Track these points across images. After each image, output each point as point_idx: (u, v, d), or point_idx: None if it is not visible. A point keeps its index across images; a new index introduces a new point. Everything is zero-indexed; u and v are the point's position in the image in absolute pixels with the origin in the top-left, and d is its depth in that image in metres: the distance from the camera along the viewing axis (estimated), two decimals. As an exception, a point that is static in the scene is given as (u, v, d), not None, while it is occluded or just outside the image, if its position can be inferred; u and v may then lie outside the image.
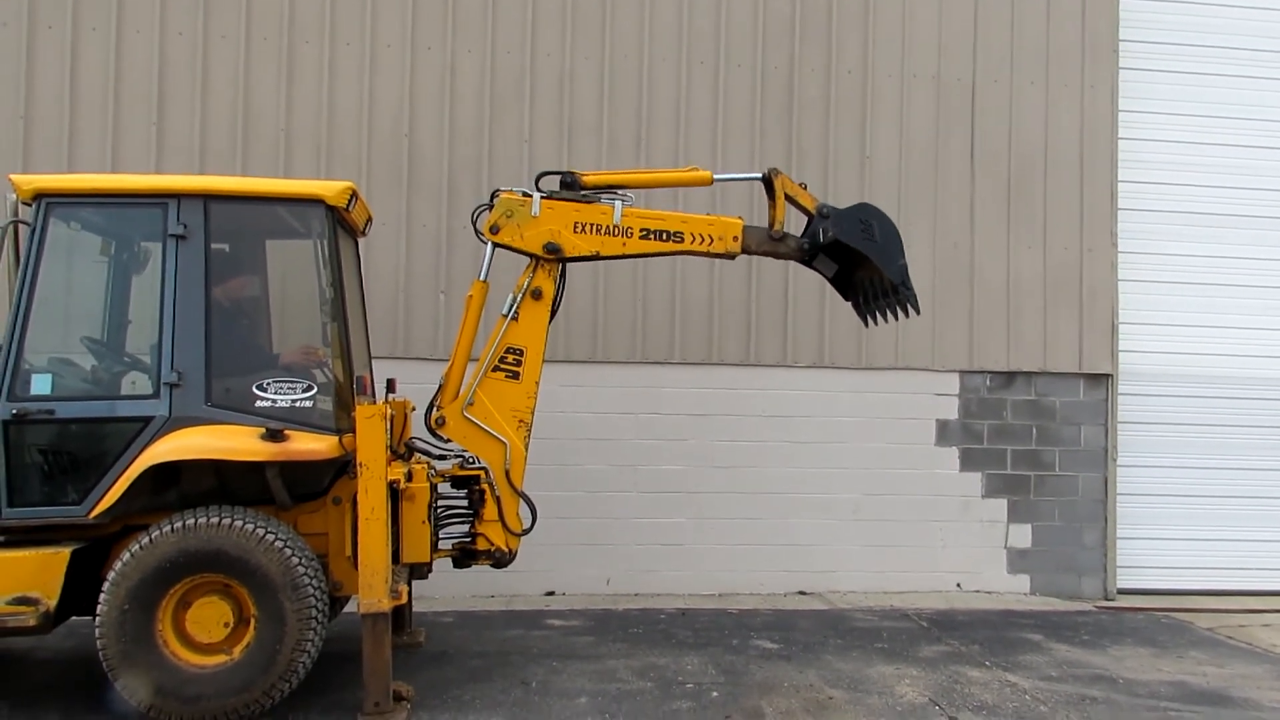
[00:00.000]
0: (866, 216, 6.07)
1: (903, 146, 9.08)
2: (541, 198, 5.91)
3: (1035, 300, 9.16)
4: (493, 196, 5.96)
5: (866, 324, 6.46)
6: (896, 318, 6.25)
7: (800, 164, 8.93)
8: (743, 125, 8.90)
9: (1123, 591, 9.17)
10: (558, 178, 6.08)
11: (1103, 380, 9.22)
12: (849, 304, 6.66)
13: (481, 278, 6.02)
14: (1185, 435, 9.40)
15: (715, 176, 6.28)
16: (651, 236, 5.96)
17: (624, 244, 5.94)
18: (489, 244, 5.97)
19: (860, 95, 9.05)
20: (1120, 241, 9.27)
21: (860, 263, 6.18)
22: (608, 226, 5.92)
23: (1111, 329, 9.21)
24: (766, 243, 6.16)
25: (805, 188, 6.26)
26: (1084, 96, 9.25)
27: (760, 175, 6.27)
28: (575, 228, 5.90)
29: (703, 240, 6.02)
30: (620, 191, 6.08)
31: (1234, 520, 9.41)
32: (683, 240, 6.00)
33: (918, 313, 6.22)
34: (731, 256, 6.13)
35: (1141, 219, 9.36)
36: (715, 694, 5.89)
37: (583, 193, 6.02)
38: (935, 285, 9.05)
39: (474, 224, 6.01)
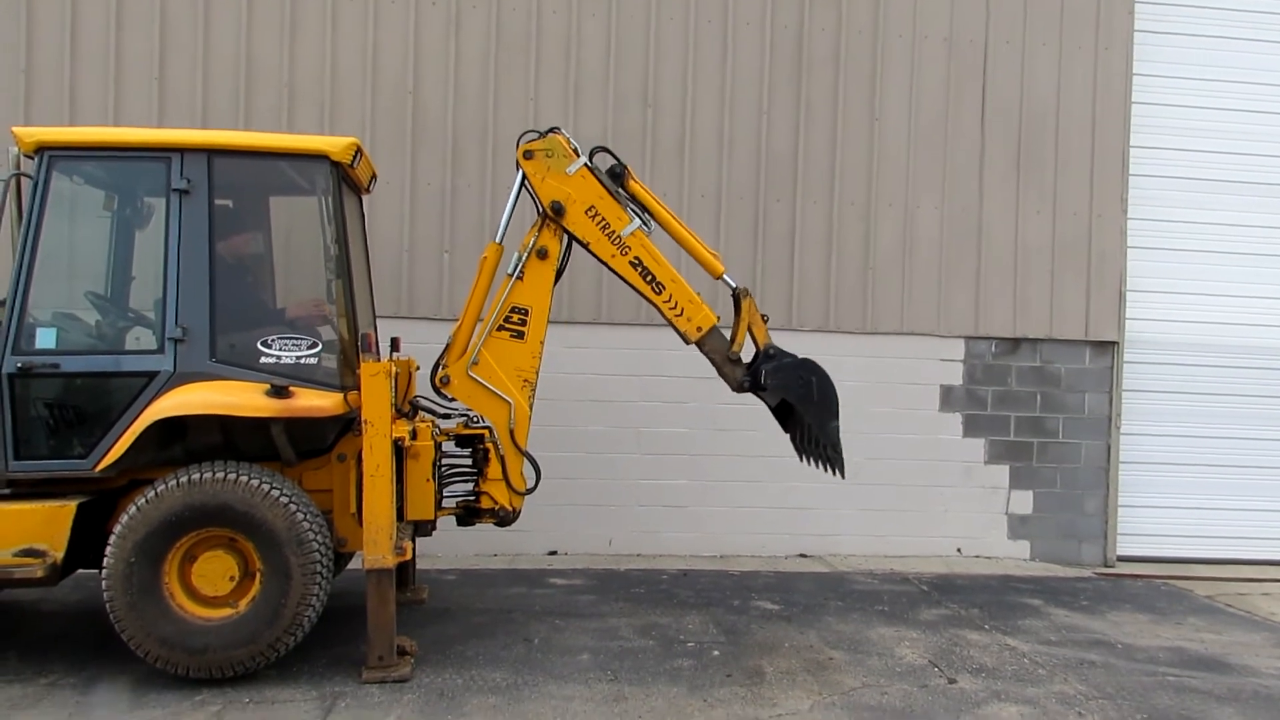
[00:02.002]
0: (808, 373, 6.03)
1: (913, 108, 8.98)
2: (583, 164, 5.87)
3: (1043, 266, 9.11)
4: (550, 130, 5.93)
5: (801, 459, 6.37)
6: (825, 470, 6.16)
7: (808, 126, 8.85)
8: (751, 86, 8.80)
9: (1123, 559, 9.21)
10: (611, 161, 6.04)
11: (1108, 348, 9.19)
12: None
13: (497, 240, 5.99)
14: (1190, 404, 9.37)
15: (724, 275, 6.22)
16: (638, 270, 5.93)
17: (613, 256, 5.91)
18: (515, 184, 5.92)
19: (870, 56, 8.93)
20: (1130, 207, 9.20)
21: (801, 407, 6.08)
22: (612, 233, 5.89)
23: (1119, 296, 9.16)
24: (719, 354, 6.07)
25: (766, 320, 6.21)
26: (1098, 59, 9.12)
27: (733, 287, 6.19)
28: (588, 210, 5.87)
29: (675, 309, 5.97)
30: (646, 215, 6.05)
31: (1236, 489, 9.41)
32: (660, 294, 5.95)
33: (843, 478, 6.17)
34: (685, 340, 6.07)
35: (1152, 184, 9.27)
36: (716, 653, 5.94)
37: (619, 190, 5.99)
38: (942, 250, 9.00)
39: (517, 143, 5.94)
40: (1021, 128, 9.09)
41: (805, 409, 6.01)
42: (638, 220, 5.95)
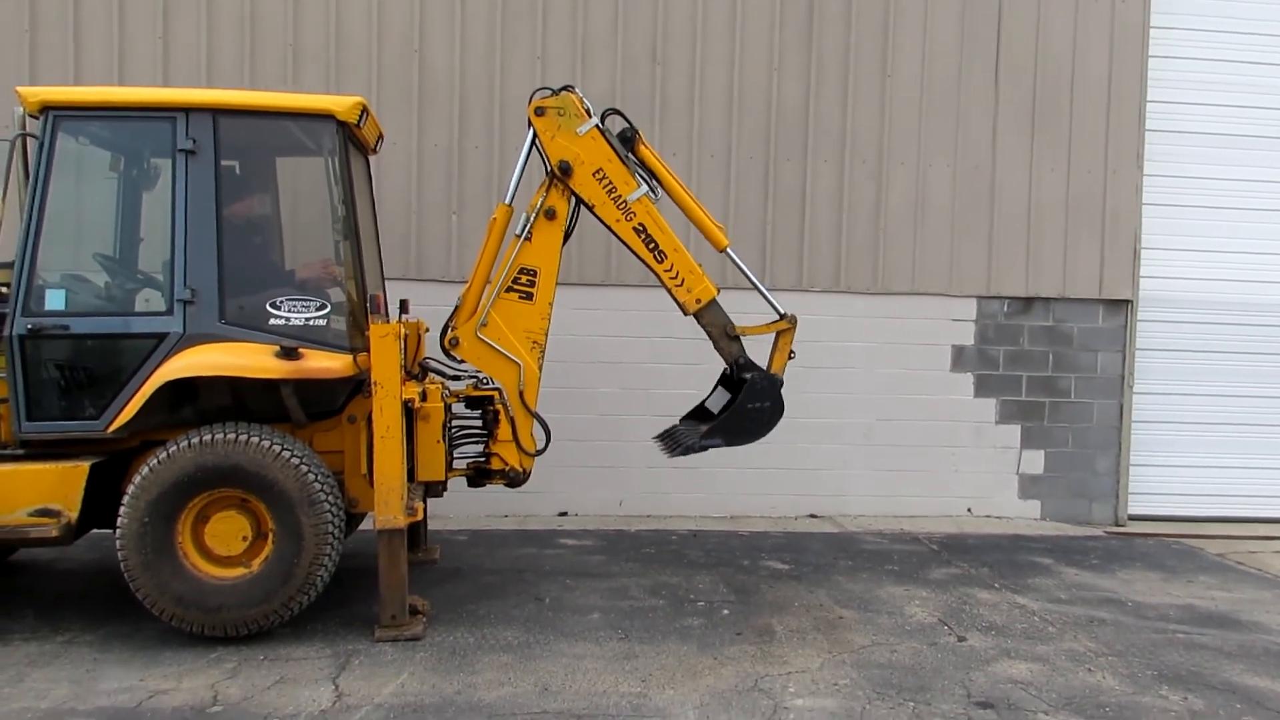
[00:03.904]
0: (772, 408, 6.07)
1: (925, 64, 8.84)
2: (594, 125, 5.82)
3: (1056, 224, 9.00)
4: (563, 88, 5.88)
5: (662, 433, 6.44)
6: (663, 447, 6.29)
7: (819, 83, 8.73)
8: (761, 43, 8.67)
9: (1134, 518, 9.19)
10: (623, 124, 6.00)
11: (1122, 306, 9.11)
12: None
13: (507, 201, 5.94)
14: (1204, 362, 9.30)
15: (729, 249, 6.21)
16: (641, 236, 5.89)
17: (617, 220, 5.87)
18: (525, 143, 5.88)
19: (882, 10, 8.77)
20: (1145, 164, 9.06)
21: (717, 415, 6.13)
22: (618, 197, 5.84)
23: (1133, 254, 9.07)
24: (717, 328, 6.08)
25: (793, 357, 6.24)
26: (1114, 11, 8.93)
27: (781, 313, 6.19)
28: (595, 172, 5.82)
29: (675, 278, 5.95)
30: (654, 182, 6.00)
31: (1249, 447, 9.37)
32: (661, 262, 5.92)
33: (667, 455, 6.29)
34: (684, 311, 6.05)
35: (1168, 140, 9.12)
36: (726, 612, 5.97)
37: (629, 154, 5.95)
38: (954, 208, 8.91)
39: (530, 99, 5.88)
40: (1036, 83, 8.94)
41: (735, 413, 6.04)
42: (645, 186, 5.90)
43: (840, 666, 5.09)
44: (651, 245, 5.91)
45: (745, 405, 6.04)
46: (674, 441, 6.22)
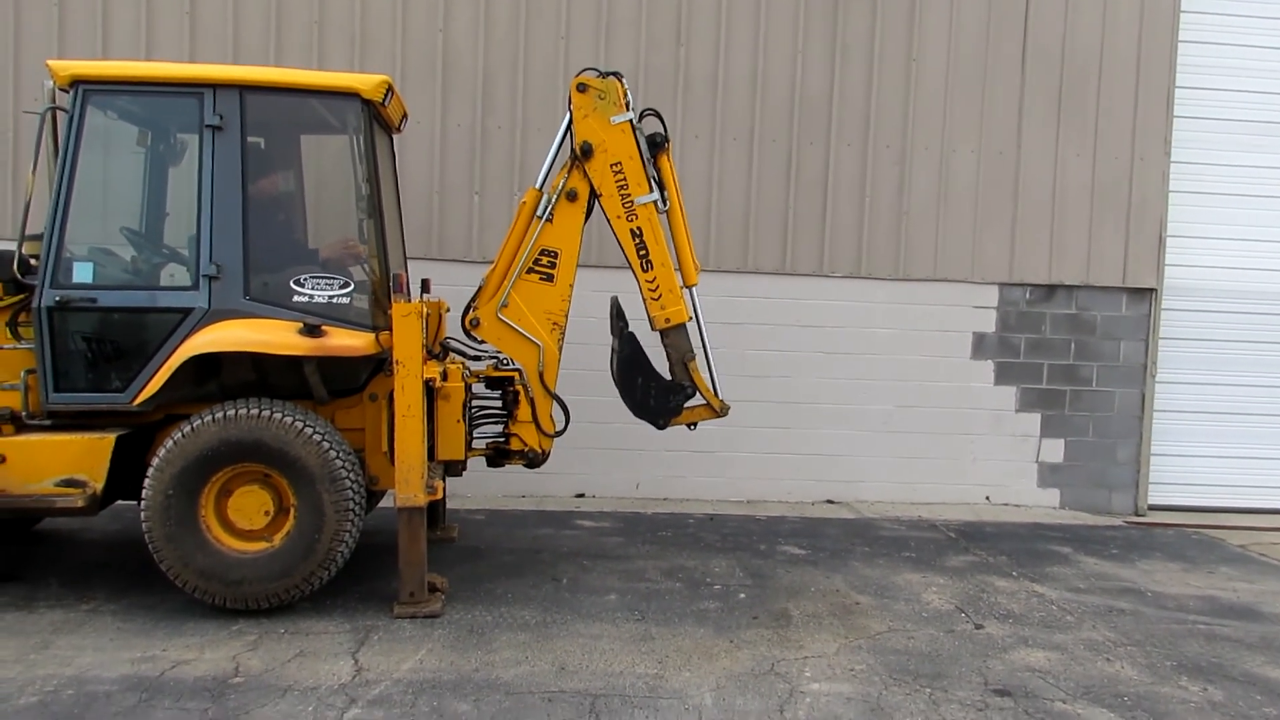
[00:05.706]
0: (648, 407, 6.21)
1: (951, 48, 8.75)
2: (628, 119, 5.82)
3: (1081, 211, 8.92)
4: (613, 73, 5.89)
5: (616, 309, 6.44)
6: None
7: (844, 67, 8.65)
8: (786, 25, 8.60)
9: (1154, 508, 9.13)
10: (657, 129, 6.02)
11: (1146, 295, 9.03)
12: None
13: (538, 185, 5.94)
14: (1228, 351, 9.21)
15: (698, 278, 6.22)
16: (635, 240, 5.89)
17: (618, 216, 5.88)
18: (562, 124, 5.88)
19: (910, -8, 8.70)
20: (1173, 150, 8.94)
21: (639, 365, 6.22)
22: (627, 195, 5.85)
23: (1159, 241, 8.97)
24: (678, 352, 6.08)
25: (692, 429, 6.49)
26: (1145, -7, 8.83)
27: (721, 401, 6.31)
28: (613, 163, 5.82)
29: (655, 291, 5.96)
30: (666, 194, 6.00)
31: (1272, 438, 9.28)
32: (646, 271, 5.93)
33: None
34: (652, 326, 6.07)
35: (1197, 127, 9.01)
36: (742, 595, 5.99)
37: (651, 159, 5.96)
38: (978, 194, 8.84)
39: (577, 74, 5.88)
40: (1063, 68, 8.83)
41: (647, 381, 6.18)
42: (656, 193, 5.90)
43: (856, 652, 5.10)
44: (642, 252, 5.91)
45: (654, 385, 6.16)
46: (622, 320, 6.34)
